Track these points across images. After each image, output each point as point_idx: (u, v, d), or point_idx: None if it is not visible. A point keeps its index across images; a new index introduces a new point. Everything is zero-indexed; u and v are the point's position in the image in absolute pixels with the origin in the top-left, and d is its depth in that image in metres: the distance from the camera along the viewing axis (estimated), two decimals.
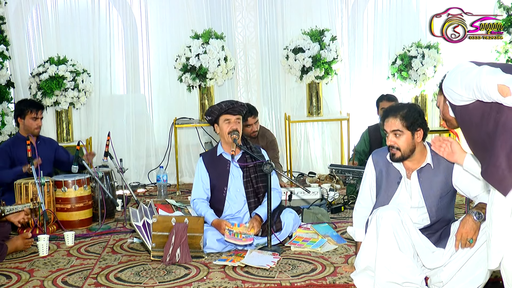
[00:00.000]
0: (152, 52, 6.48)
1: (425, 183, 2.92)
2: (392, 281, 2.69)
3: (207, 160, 3.85)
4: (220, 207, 3.78)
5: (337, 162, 6.40)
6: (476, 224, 2.67)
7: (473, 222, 2.67)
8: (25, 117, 4.62)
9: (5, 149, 4.56)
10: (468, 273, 2.72)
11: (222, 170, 3.79)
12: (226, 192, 3.76)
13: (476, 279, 2.72)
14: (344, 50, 6.50)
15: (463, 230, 2.68)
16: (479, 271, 2.71)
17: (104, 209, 4.44)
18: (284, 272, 3.21)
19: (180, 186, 6.04)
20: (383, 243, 2.71)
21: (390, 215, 2.73)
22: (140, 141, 6.54)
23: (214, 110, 3.72)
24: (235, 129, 3.68)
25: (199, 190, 3.83)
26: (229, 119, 3.69)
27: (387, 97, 5.27)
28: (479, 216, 2.67)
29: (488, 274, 2.74)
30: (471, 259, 2.72)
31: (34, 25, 6.21)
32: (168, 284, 3.08)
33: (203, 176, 3.83)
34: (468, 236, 2.67)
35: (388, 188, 3.01)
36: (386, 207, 2.86)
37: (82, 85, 5.86)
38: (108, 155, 4.54)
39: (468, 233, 2.67)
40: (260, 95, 6.55)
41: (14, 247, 3.69)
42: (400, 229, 2.72)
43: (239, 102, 3.80)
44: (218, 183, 3.79)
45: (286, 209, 3.88)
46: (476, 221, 2.67)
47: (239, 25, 6.47)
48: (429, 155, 2.94)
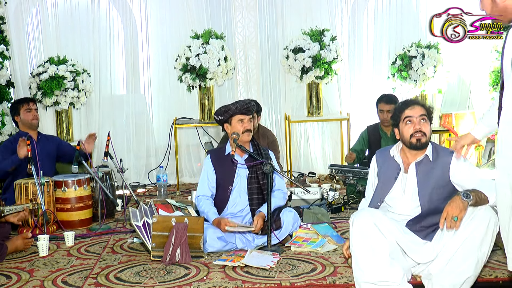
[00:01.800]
0: (152, 52, 6.49)
1: (421, 175, 2.99)
2: (368, 281, 2.75)
3: (214, 157, 3.87)
4: (223, 205, 3.79)
5: (337, 162, 6.40)
6: (463, 203, 2.70)
7: (460, 201, 2.71)
8: (20, 113, 4.66)
9: (8, 145, 4.58)
10: (456, 265, 2.73)
11: (229, 169, 3.80)
12: (231, 191, 3.77)
13: (464, 271, 2.73)
14: (344, 50, 6.50)
15: (449, 208, 2.71)
16: (468, 263, 2.72)
17: (104, 209, 4.44)
18: (284, 272, 3.21)
19: (180, 186, 6.04)
20: (355, 247, 2.81)
21: (360, 219, 2.82)
22: (140, 141, 6.54)
23: (229, 110, 3.73)
24: (249, 128, 3.73)
25: (204, 187, 3.83)
26: (243, 119, 3.72)
27: (386, 99, 5.28)
28: (467, 195, 2.71)
29: (478, 267, 2.74)
30: (459, 251, 2.73)
31: (34, 25, 6.21)
32: (168, 284, 3.08)
33: (209, 173, 3.83)
34: (453, 213, 2.68)
35: (386, 182, 3.09)
36: (359, 212, 2.94)
37: (82, 85, 5.86)
38: (108, 155, 4.54)
39: (453, 211, 2.69)
40: (260, 95, 6.55)
41: (14, 247, 3.69)
42: (372, 231, 2.78)
43: (252, 101, 3.83)
44: (223, 182, 3.79)
45: (286, 208, 3.88)
46: (464, 200, 2.71)
47: (239, 25, 6.47)
48: (429, 148, 3.00)
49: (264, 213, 3.63)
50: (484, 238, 2.71)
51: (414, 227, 2.97)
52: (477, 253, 2.71)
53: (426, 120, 3.01)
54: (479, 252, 2.72)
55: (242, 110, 3.71)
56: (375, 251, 2.75)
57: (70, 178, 4.43)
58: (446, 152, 3.02)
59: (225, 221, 3.57)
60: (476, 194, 2.75)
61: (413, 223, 2.96)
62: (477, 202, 2.75)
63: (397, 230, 2.89)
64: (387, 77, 6.35)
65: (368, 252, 2.76)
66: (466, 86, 6.79)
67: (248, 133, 3.73)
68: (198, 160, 6.52)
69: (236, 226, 3.55)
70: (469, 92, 6.81)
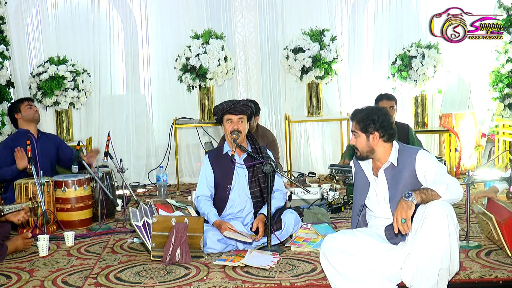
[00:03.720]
0: (152, 52, 6.49)
1: (390, 181, 3.07)
2: None
3: (212, 157, 3.87)
4: (222, 205, 3.78)
5: (337, 162, 6.39)
6: (406, 203, 2.75)
7: (403, 202, 2.77)
8: (21, 110, 4.65)
9: (9, 144, 4.56)
10: (426, 268, 2.74)
11: (227, 168, 3.80)
12: (230, 190, 3.77)
13: (434, 269, 2.74)
14: (344, 50, 6.50)
15: (396, 212, 2.77)
16: (435, 261, 2.73)
17: (104, 209, 4.44)
18: (284, 272, 3.21)
19: (180, 186, 6.04)
20: (325, 271, 2.98)
21: (325, 245, 2.93)
22: (140, 141, 6.54)
23: (218, 110, 3.75)
24: (236, 128, 3.68)
25: (203, 187, 3.83)
26: (231, 118, 3.71)
27: (386, 97, 5.28)
28: (407, 195, 2.77)
29: (445, 259, 2.74)
30: (422, 252, 2.74)
31: (34, 25, 6.21)
32: (168, 284, 3.08)
33: (207, 173, 3.83)
34: (401, 216, 2.74)
35: (362, 187, 3.20)
36: (327, 238, 2.99)
37: (82, 85, 5.86)
38: (108, 155, 4.53)
39: (400, 214, 2.74)
40: (260, 95, 6.55)
41: (14, 247, 3.69)
42: (336, 255, 2.87)
43: (243, 101, 3.77)
44: (222, 181, 3.79)
45: (287, 210, 3.88)
46: (405, 200, 2.76)
47: (239, 25, 6.48)
48: (394, 154, 3.09)
49: (264, 215, 3.63)
50: (441, 232, 2.72)
51: (391, 231, 3.00)
52: (439, 248, 2.72)
53: (356, 135, 3.10)
54: (441, 247, 2.72)
55: (228, 110, 3.69)
56: (341, 273, 2.85)
57: (70, 178, 4.43)
58: (411, 153, 3.08)
59: (225, 225, 3.55)
60: (421, 192, 2.79)
61: (391, 227, 2.99)
62: (424, 199, 2.79)
63: (369, 243, 2.93)
64: (387, 77, 6.35)
65: (335, 275, 2.88)
66: (466, 86, 6.80)
67: (236, 133, 3.67)
68: (198, 160, 6.52)
69: (236, 232, 3.53)
70: (469, 92, 6.81)
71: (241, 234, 3.52)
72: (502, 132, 6.41)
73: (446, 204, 2.78)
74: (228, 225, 3.54)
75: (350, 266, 2.85)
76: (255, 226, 3.59)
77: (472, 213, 4.13)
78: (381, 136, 3.06)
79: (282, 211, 3.83)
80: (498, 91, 6.54)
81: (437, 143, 6.76)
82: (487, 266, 3.20)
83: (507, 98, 6.51)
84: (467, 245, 3.56)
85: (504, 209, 3.46)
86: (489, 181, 4.24)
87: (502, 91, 6.51)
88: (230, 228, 3.51)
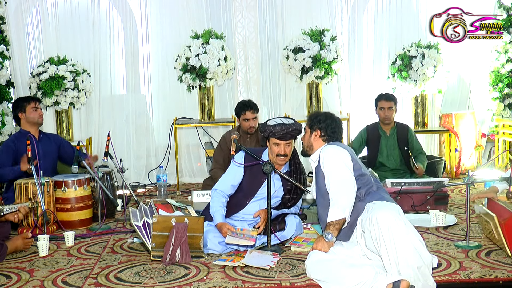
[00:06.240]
0: (152, 52, 6.49)
1: (316, 177, 3.38)
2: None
3: (249, 161, 3.72)
4: (235, 210, 3.72)
5: None
6: (327, 242, 3.03)
7: (323, 240, 3.04)
8: (26, 110, 4.62)
9: (10, 145, 4.56)
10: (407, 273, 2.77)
11: (258, 179, 3.70)
12: (250, 202, 3.70)
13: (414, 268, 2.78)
14: (344, 50, 6.50)
15: (316, 245, 3.07)
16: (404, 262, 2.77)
17: (104, 209, 4.44)
18: (284, 272, 3.21)
19: (180, 186, 6.04)
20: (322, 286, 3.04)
21: (307, 270, 3.08)
22: (140, 141, 6.54)
23: (266, 131, 3.59)
24: (284, 153, 3.58)
25: (226, 183, 3.73)
26: (278, 143, 3.58)
27: (385, 97, 5.28)
28: (328, 234, 3.03)
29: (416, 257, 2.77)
30: (389, 259, 2.81)
31: (34, 25, 6.21)
32: (168, 284, 3.08)
33: (237, 173, 3.74)
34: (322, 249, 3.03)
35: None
36: (306, 263, 3.12)
37: (82, 85, 5.86)
38: (108, 155, 4.53)
39: (321, 247, 3.03)
40: (260, 95, 6.55)
41: (14, 247, 3.69)
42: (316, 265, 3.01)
43: (292, 126, 3.56)
44: (246, 188, 3.71)
45: (291, 214, 3.86)
46: (327, 241, 3.03)
47: (239, 25, 6.48)
48: (317, 153, 3.36)
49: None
50: (393, 236, 2.79)
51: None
52: (398, 250, 2.77)
53: (305, 130, 3.49)
54: (400, 248, 2.77)
55: (277, 135, 3.55)
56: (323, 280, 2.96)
57: (70, 178, 4.43)
58: (322, 154, 3.28)
59: (227, 226, 3.51)
60: (332, 226, 3.04)
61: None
62: (338, 228, 3.05)
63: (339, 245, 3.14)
64: (387, 77, 6.36)
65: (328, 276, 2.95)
66: (466, 86, 6.80)
67: (282, 157, 3.58)
68: (198, 160, 6.52)
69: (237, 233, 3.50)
70: (469, 92, 6.81)
71: (243, 236, 3.47)
72: (502, 132, 6.41)
73: (382, 204, 2.98)
74: (228, 226, 3.53)
75: (335, 267, 2.91)
76: (257, 213, 3.61)
77: (472, 213, 4.13)
78: (321, 135, 3.38)
79: (286, 213, 3.83)
80: (498, 91, 6.54)
81: (437, 143, 6.76)
82: (487, 266, 3.20)
83: (507, 98, 6.51)
84: (467, 245, 3.56)
85: (504, 209, 3.46)
86: (489, 181, 4.24)
87: (502, 91, 6.51)
88: (230, 229, 3.50)
